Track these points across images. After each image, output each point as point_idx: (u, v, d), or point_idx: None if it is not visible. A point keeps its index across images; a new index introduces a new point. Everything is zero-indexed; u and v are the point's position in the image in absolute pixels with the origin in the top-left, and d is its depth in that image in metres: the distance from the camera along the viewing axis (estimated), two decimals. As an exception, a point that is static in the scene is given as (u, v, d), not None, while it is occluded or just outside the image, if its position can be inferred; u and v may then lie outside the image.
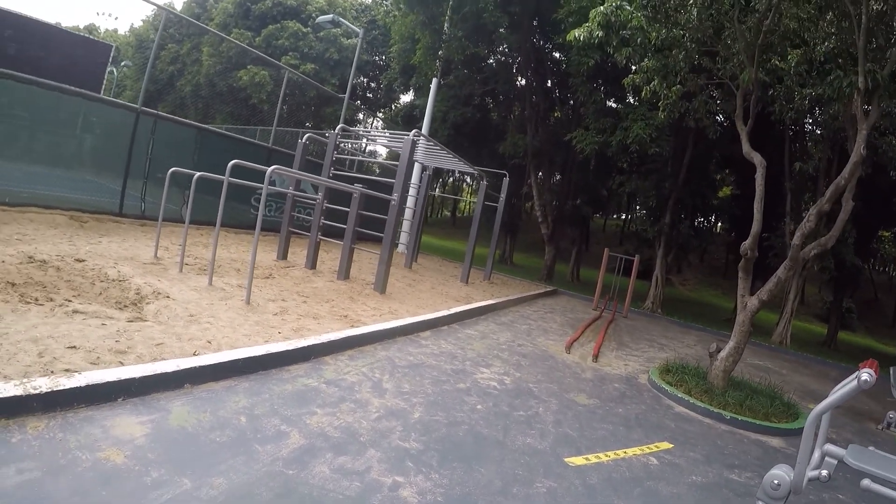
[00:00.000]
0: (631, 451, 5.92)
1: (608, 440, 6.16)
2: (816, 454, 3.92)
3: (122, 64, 62.14)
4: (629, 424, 6.97)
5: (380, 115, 53.15)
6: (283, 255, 13.01)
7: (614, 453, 5.75)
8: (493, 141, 29.74)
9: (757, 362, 14.12)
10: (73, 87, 12.30)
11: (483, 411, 6.20)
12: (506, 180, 19.12)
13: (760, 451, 7.05)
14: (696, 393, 8.67)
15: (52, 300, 6.21)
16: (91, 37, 38.44)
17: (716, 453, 6.57)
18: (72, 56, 21.01)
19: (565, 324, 14.25)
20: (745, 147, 9.92)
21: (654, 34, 10.68)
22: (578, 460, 5.36)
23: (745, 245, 9.45)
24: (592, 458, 5.48)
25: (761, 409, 8.29)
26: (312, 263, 12.53)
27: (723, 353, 9.27)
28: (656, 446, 6.30)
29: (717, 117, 18.92)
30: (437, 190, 54.35)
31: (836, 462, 3.82)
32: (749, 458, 6.68)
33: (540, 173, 27.78)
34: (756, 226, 9.52)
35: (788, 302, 20.35)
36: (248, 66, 41.29)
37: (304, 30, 42.87)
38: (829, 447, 3.88)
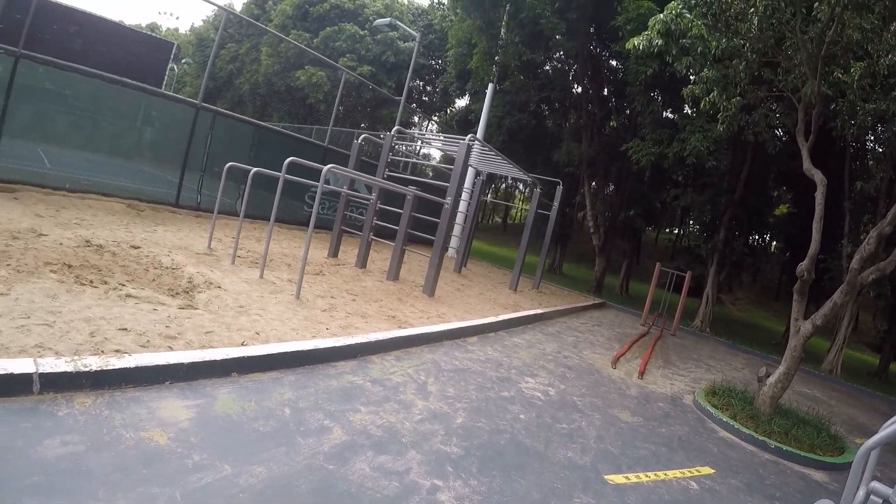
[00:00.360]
0: (672, 474, 5.81)
1: (649, 460, 6.05)
2: (861, 492, 3.80)
3: (183, 61, 63.42)
4: (671, 446, 6.84)
5: (435, 118, 53.33)
6: (335, 253, 13.11)
7: (655, 474, 5.65)
8: (548, 148, 29.60)
9: (805, 390, 13.74)
10: (134, 82, 12.56)
11: (526, 421, 6.15)
12: (559, 189, 18.99)
13: (803, 485, 6.83)
14: (742, 418, 8.45)
15: (106, 283, 6.32)
16: (153, 34, 39.25)
17: (757, 483, 6.39)
18: (135, 52, 21.53)
19: (612, 338, 14.09)
20: (806, 163, 9.67)
21: (713, 43, 10.48)
22: (618, 479, 5.28)
23: (802, 266, 9.14)
24: (633, 478, 5.39)
25: (807, 439, 8.01)
26: (363, 262, 12.59)
27: (772, 379, 9.01)
28: (697, 470, 6.17)
29: (777, 131, 18.50)
30: (490, 195, 54.36)
31: (881, 501, 3.70)
32: (791, 490, 6.49)
33: (594, 183, 27.52)
34: (814, 246, 9.19)
35: (841, 329, 19.68)
36: (306, 67, 41.70)
37: (362, 32, 43.11)
38: (875, 485, 3.75)
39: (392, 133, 13.22)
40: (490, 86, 25.74)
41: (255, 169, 9.85)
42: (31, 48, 10.95)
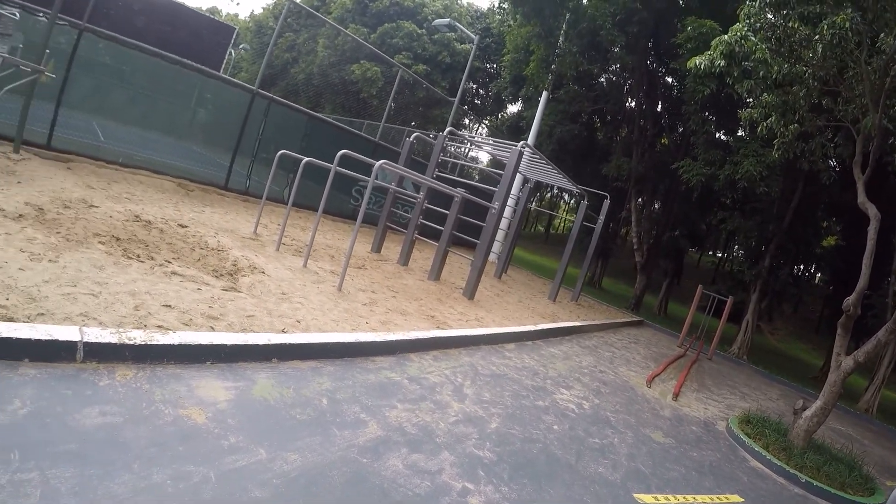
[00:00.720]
0: (701, 499, 5.72)
1: (679, 483, 5.97)
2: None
3: (241, 47, 64.07)
4: (702, 470, 6.74)
5: (485, 122, 53.33)
6: (378, 249, 13.16)
7: (684, 498, 5.57)
8: (597, 161, 29.42)
9: (838, 427, 13.43)
10: (194, 63, 12.70)
11: (559, 432, 6.10)
12: (606, 202, 18.85)
13: (831, 522, 6.74)
14: (774, 449, 8.30)
15: (152, 259, 6.40)
16: (215, 18, 39.73)
17: (785, 518, 6.30)
18: (197, 34, 21.78)
19: (648, 357, 13.95)
20: (861, 197, 9.47)
21: (775, 68, 10.35)
22: (648, 498, 5.21)
23: (849, 301, 8.94)
24: (661, 499, 5.32)
25: (838, 477, 7.85)
26: (405, 260, 12.62)
27: (808, 413, 8.83)
28: (727, 498, 6.07)
29: (831, 161, 18.18)
30: (534, 203, 54.14)
31: None
32: (819, 527, 6.40)
33: (641, 199, 27.31)
34: (863, 281, 8.99)
35: (881, 368, 19.20)
36: (362, 61, 41.87)
37: (419, 31, 43.25)
38: None
39: (444, 133, 13.24)
40: (544, 94, 25.63)
41: (307, 159, 9.90)
42: (95, 23, 11.10)
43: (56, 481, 2.77)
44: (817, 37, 9.04)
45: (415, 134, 13.53)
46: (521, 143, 11.90)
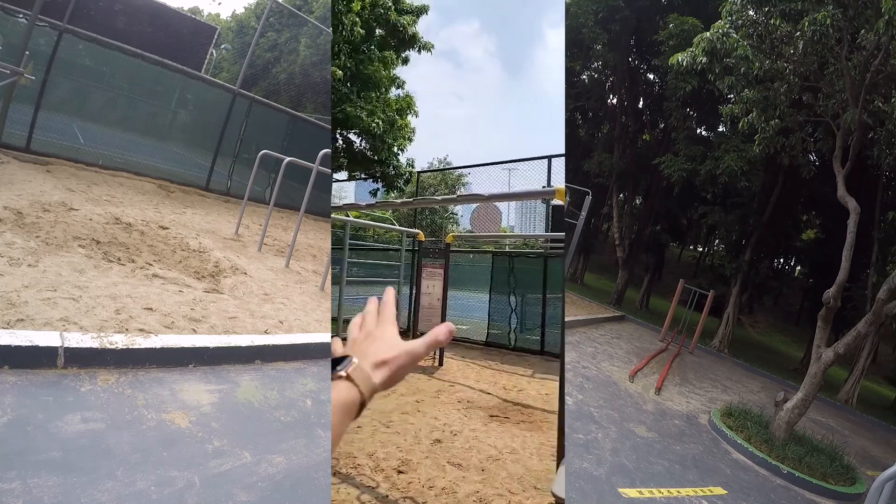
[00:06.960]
0: (685, 492, 5.76)
1: (663, 476, 6.01)
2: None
3: (222, 47, 63.70)
4: (685, 464, 6.78)
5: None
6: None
7: (668, 491, 5.61)
8: (578, 158, 29.46)
9: (819, 418, 13.52)
10: (175, 64, 12.63)
11: (542, 427, 6.12)
12: (588, 198, 18.86)
13: (812, 512, 6.79)
14: (756, 441, 8.36)
15: (133, 262, 6.37)
16: (196, 17, 39.42)
17: (768, 507, 6.33)
18: (177, 34, 21.57)
19: (630, 352, 14.00)
20: (841, 190, 9.54)
21: (756, 64, 10.43)
22: (632, 492, 5.25)
23: (829, 293, 8.99)
24: (646, 493, 5.36)
25: (820, 468, 7.91)
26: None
27: (789, 404, 8.89)
28: (710, 490, 6.11)
29: (811, 156, 18.30)
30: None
31: None
32: (800, 517, 6.45)
33: (622, 195, 27.37)
34: (842, 274, 9.07)
35: (860, 359, 19.34)
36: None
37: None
38: None
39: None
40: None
41: (289, 158, 9.87)
42: (76, 24, 11.00)
43: (38, 490, 2.75)
44: (798, 33, 9.11)
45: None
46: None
